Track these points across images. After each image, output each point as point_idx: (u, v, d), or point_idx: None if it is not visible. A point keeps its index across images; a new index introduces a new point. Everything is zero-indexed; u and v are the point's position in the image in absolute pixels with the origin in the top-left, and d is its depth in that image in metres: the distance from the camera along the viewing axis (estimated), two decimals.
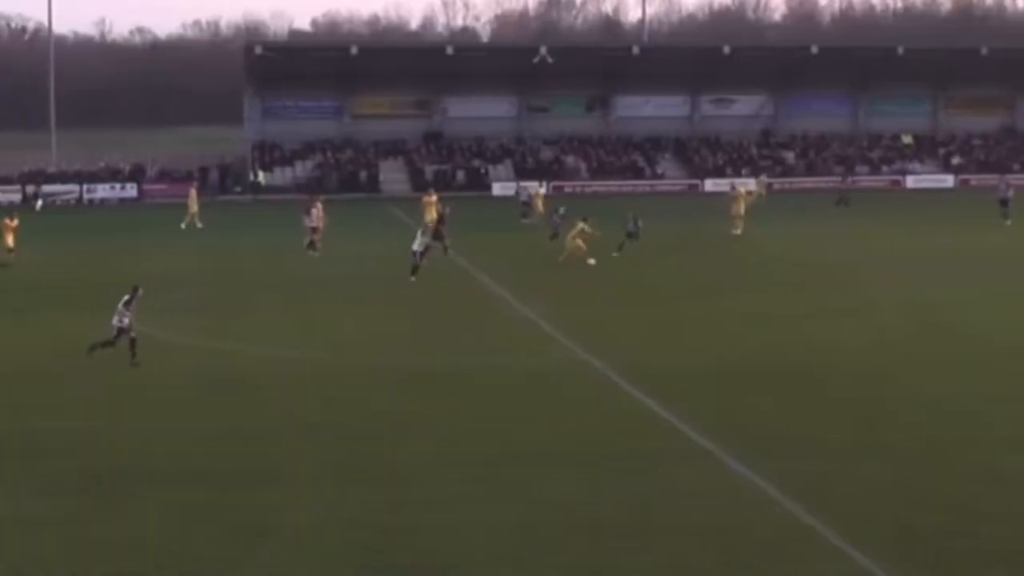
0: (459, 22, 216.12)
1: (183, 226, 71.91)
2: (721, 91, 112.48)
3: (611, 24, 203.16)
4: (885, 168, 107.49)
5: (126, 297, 34.41)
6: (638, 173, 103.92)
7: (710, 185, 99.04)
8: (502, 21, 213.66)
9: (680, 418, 29.28)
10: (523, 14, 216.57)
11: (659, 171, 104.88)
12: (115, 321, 34.04)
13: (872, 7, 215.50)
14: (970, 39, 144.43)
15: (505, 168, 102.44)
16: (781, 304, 45.54)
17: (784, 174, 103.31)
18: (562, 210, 61.81)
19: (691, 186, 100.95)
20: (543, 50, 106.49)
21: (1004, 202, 72.22)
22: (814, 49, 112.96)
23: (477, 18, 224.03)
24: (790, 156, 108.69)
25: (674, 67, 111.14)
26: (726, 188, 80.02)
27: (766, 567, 20.26)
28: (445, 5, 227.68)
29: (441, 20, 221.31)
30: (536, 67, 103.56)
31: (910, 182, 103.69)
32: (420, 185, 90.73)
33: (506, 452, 26.85)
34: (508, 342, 39.56)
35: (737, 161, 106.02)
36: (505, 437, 27.97)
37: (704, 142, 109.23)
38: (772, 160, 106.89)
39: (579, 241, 53.43)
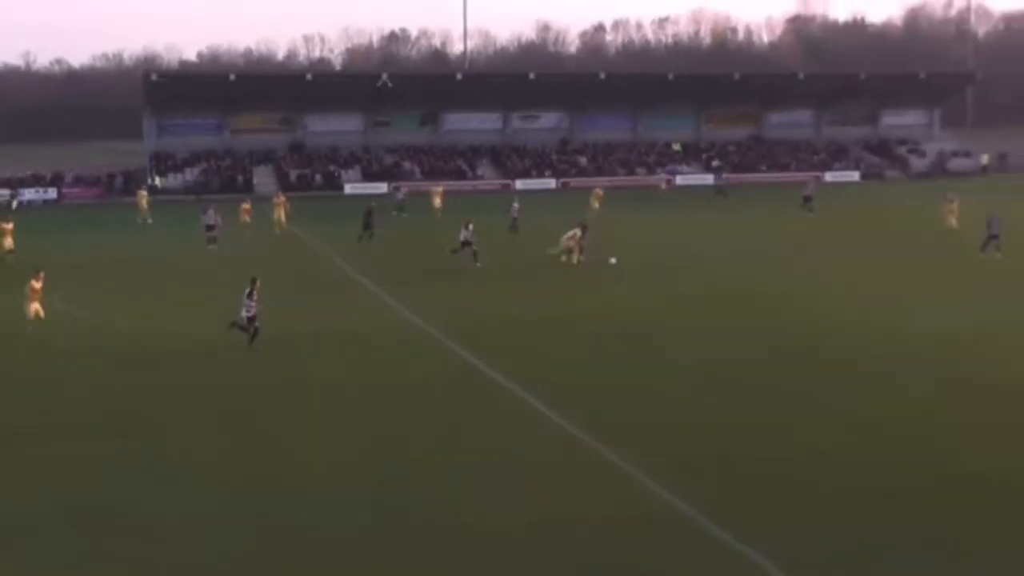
0: (316, 53, 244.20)
1: (139, 221, 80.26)
2: (528, 109, 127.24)
3: (439, 55, 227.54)
4: (659, 169, 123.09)
5: (247, 289, 36.12)
6: (461, 175, 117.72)
7: (520, 184, 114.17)
8: (352, 53, 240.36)
9: (488, 366, 33.57)
10: (368, 47, 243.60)
11: (479, 173, 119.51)
12: (243, 312, 35.88)
13: (648, 41, 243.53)
14: (725, 66, 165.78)
15: (355, 172, 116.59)
16: (599, 277, 51.08)
17: (579, 175, 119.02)
18: (516, 205, 68.73)
19: (504, 185, 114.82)
20: (385, 76, 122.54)
21: (807, 199, 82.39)
22: (602, 75, 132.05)
23: (331, 50, 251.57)
24: (583, 161, 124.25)
25: (490, 90, 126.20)
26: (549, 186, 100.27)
27: (564, 490, 23.13)
28: (306, 39, 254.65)
29: (302, 52, 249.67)
30: (379, 90, 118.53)
31: (679, 180, 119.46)
32: (286, 187, 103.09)
33: (343, 400, 30.48)
34: (356, 311, 43.65)
35: (541, 165, 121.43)
36: (343, 388, 31.62)
37: (514, 150, 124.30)
38: (569, 164, 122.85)
39: (571, 243, 55.42)
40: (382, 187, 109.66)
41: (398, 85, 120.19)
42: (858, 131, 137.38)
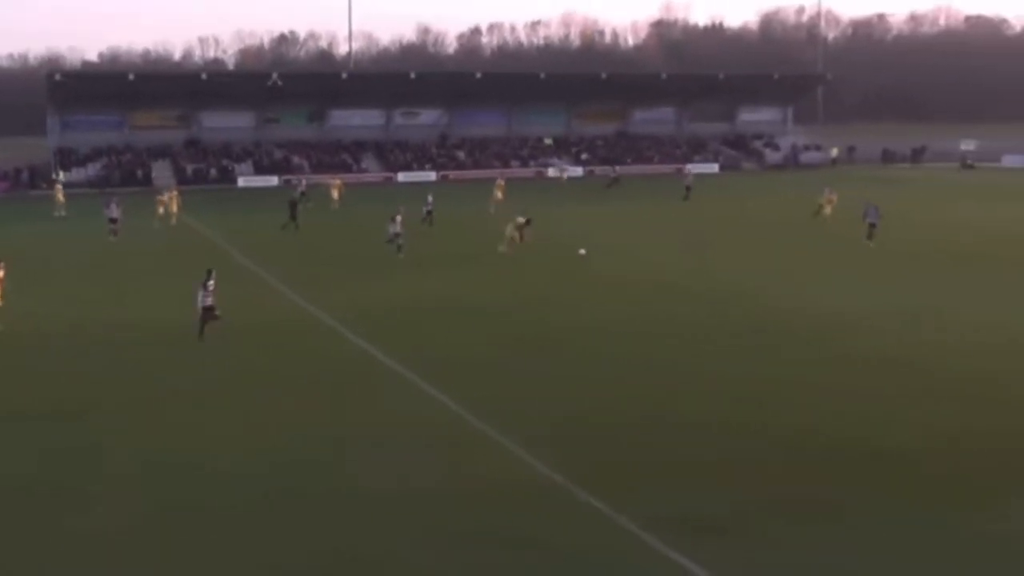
0: (211, 54, 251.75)
1: (56, 214, 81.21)
2: (409, 106, 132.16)
3: (326, 56, 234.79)
4: (532, 162, 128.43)
5: (203, 279, 36.68)
6: (347, 168, 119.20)
7: (402, 177, 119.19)
8: (244, 53, 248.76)
9: (381, 351, 34.76)
10: (260, 48, 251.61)
11: (363, 167, 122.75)
12: (199, 303, 36.40)
13: (521, 43, 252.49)
14: (594, 67, 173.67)
15: (247, 166, 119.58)
16: (479, 263, 53.33)
17: (457, 168, 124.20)
18: (431, 199, 69.08)
19: (387, 178, 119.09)
20: (275, 76, 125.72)
21: (688, 188, 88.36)
22: (478, 75, 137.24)
23: (224, 51, 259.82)
24: (461, 155, 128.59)
25: (374, 88, 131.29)
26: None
27: (441, 460, 24.48)
28: (200, 41, 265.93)
29: (197, 52, 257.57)
30: (270, 89, 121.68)
31: (550, 172, 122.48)
32: (183, 180, 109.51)
33: (246, 376, 32.04)
34: (250, 298, 44.32)
35: (422, 158, 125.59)
36: (246, 365, 33.43)
37: (397, 144, 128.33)
38: (447, 158, 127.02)
39: (516, 233, 57.28)
40: (273, 180, 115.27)
41: (287, 84, 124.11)
42: (717, 127, 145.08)
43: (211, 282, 36.60)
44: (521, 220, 58.26)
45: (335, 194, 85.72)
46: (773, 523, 21.00)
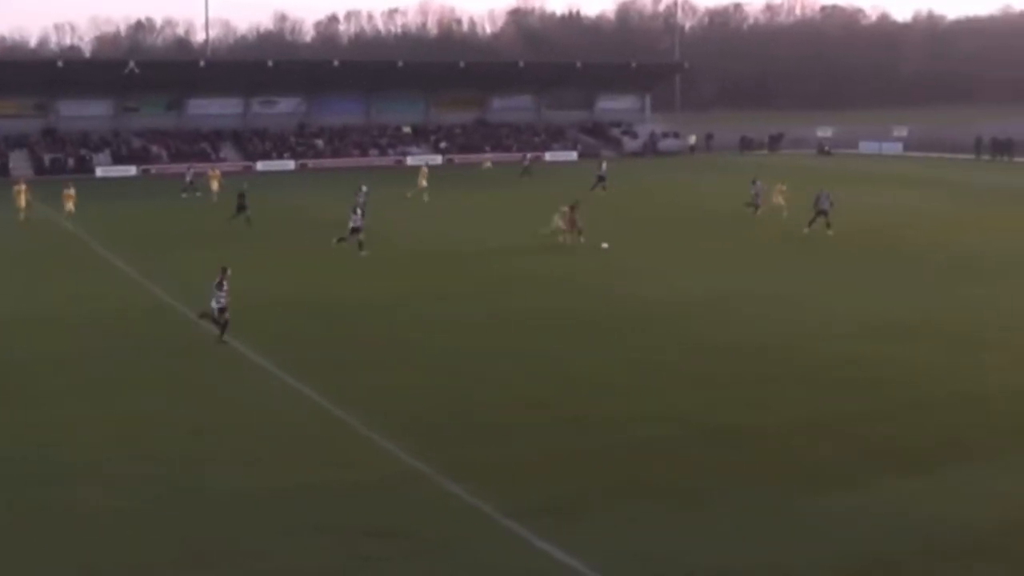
0: (67, 41, 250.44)
1: None
2: (267, 94, 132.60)
3: (183, 43, 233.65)
4: (391, 151, 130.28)
5: (217, 279, 35.30)
6: (205, 157, 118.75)
7: (260, 166, 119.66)
8: (100, 40, 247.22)
9: (244, 344, 34.95)
10: (116, 35, 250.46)
11: (222, 155, 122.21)
12: (213, 303, 35.18)
13: (379, 31, 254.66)
14: (452, 55, 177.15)
15: (105, 156, 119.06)
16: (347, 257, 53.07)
17: (316, 157, 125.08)
18: (364, 188, 67.21)
19: (246, 167, 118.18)
20: (132, 63, 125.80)
21: (601, 178, 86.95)
22: (336, 63, 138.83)
23: (81, 38, 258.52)
24: (320, 143, 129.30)
25: (231, 76, 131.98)
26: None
27: (308, 452, 24.97)
28: (56, 28, 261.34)
29: (53, 39, 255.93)
30: (127, 77, 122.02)
31: (409, 161, 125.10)
32: (40, 170, 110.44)
33: (115, 374, 31.95)
34: (108, 290, 45.21)
35: (280, 147, 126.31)
36: (113, 362, 33.28)
37: (255, 133, 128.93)
38: (306, 146, 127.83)
39: (563, 222, 56.95)
40: (132, 170, 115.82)
41: (145, 72, 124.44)
42: (575, 115, 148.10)
43: (225, 282, 35.43)
44: (566, 208, 57.67)
45: (215, 185, 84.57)
46: (632, 508, 21.89)
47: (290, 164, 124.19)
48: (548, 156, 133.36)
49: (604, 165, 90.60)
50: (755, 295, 43.92)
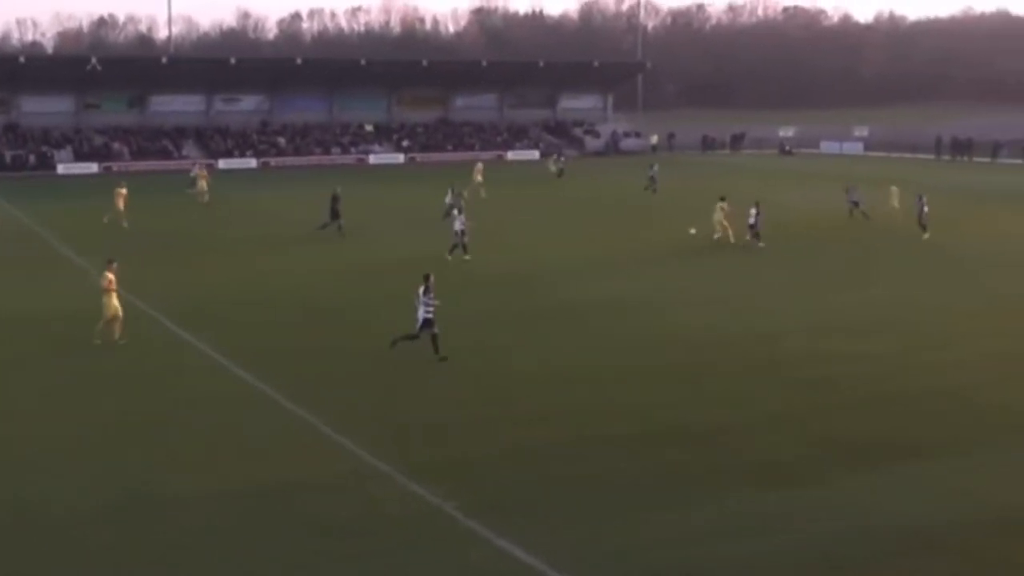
0: (29, 37, 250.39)
1: None
2: (230, 92, 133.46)
3: (146, 40, 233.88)
4: (353, 149, 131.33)
5: (421, 287, 32.75)
6: (168, 155, 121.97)
7: (223, 164, 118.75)
8: (63, 37, 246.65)
9: (200, 341, 35.42)
10: (79, 31, 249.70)
11: (184, 153, 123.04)
12: (421, 313, 32.60)
13: (342, 29, 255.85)
14: (415, 53, 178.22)
15: (67, 152, 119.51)
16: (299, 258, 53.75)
17: (278, 155, 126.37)
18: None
19: (208, 165, 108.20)
20: (94, 60, 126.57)
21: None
22: (299, 60, 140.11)
23: (43, 34, 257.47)
24: (282, 141, 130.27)
25: (194, 73, 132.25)
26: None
27: (268, 451, 24.99)
28: (18, 23, 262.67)
29: (15, 35, 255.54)
30: (89, 73, 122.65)
31: (372, 159, 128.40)
32: (1, 166, 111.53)
33: (83, 376, 31.81)
34: (69, 290, 44.69)
35: (243, 145, 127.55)
36: (77, 366, 32.90)
37: (218, 131, 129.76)
38: (269, 144, 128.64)
39: (724, 217, 57.58)
40: (93, 167, 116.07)
41: (107, 68, 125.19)
42: (538, 113, 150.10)
43: (430, 289, 32.95)
44: (723, 204, 58.41)
45: (203, 184, 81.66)
46: (594, 505, 22.11)
47: (252, 162, 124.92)
48: (510, 155, 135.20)
49: (656, 167, 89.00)
50: (707, 294, 45.01)
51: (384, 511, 21.92)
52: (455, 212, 54.54)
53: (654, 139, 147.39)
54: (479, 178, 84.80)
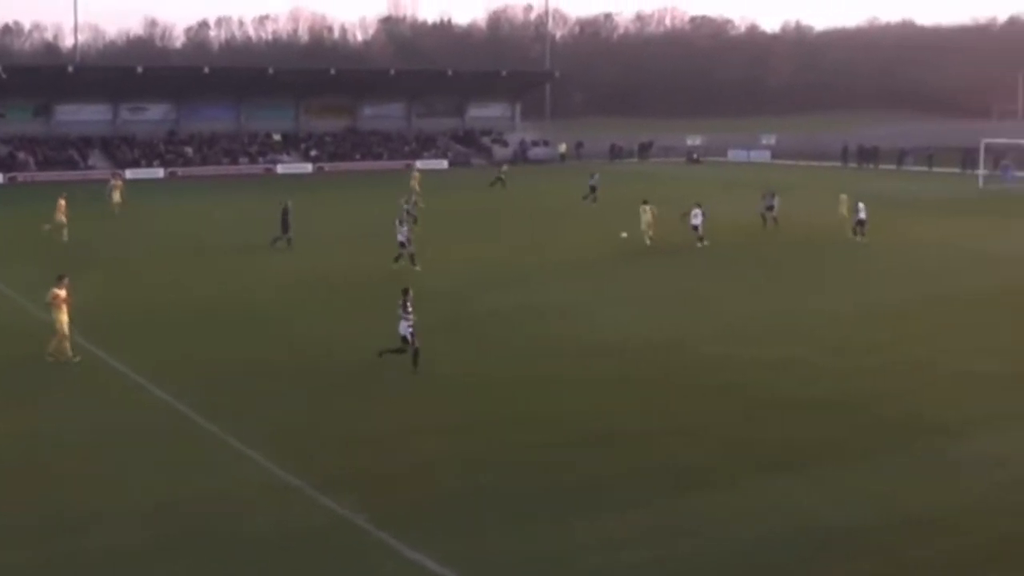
0: None
1: None
2: (136, 101, 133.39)
3: (52, 48, 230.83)
4: (261, 159, 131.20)
5: (400, 300, 33.00)
6: (74, 165, 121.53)
7: (129, 174, 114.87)
8: None
9: (113, 358, 35.00)
10: None
11: (90, 163, 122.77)
12: (402, 329, 32.68)
13: (249, 38, 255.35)
14: (323, 62, 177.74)
15: None
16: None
17: (185, 164, 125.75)
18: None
19: (115, 174, 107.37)
20: None
21: (593, 188, 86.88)
22: (206, 69, 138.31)
23: None
24: (189, 151, 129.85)
25: (101, 82, 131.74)
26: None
27: (175, 464, 24.93)
28: None
29: None
30: None
31: (279, 169, 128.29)
32: None
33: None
34: None
35: (150, 155, 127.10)
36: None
37: (124, 140, 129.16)
38: (176, 154, 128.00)
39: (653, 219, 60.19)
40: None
41: (12, 77, 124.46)
42: (446, 122, 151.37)
43: (408, 303, 33.18)
44: (649, 207, 60.93)
45: (116, 196, 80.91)
46: (508, 514, 22.24)
47: (159, 172, 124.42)
48: (419, 164, 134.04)
49: (596, 176, 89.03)
50: (618, 299, 46.05)
51: (294, 524, 21.87)
52: (397, 223, 54.57)
53: (562, 148, 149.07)
54: (416, 187, 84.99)
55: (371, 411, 29.66)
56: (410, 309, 32.72)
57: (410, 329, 32.62)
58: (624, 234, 60.34)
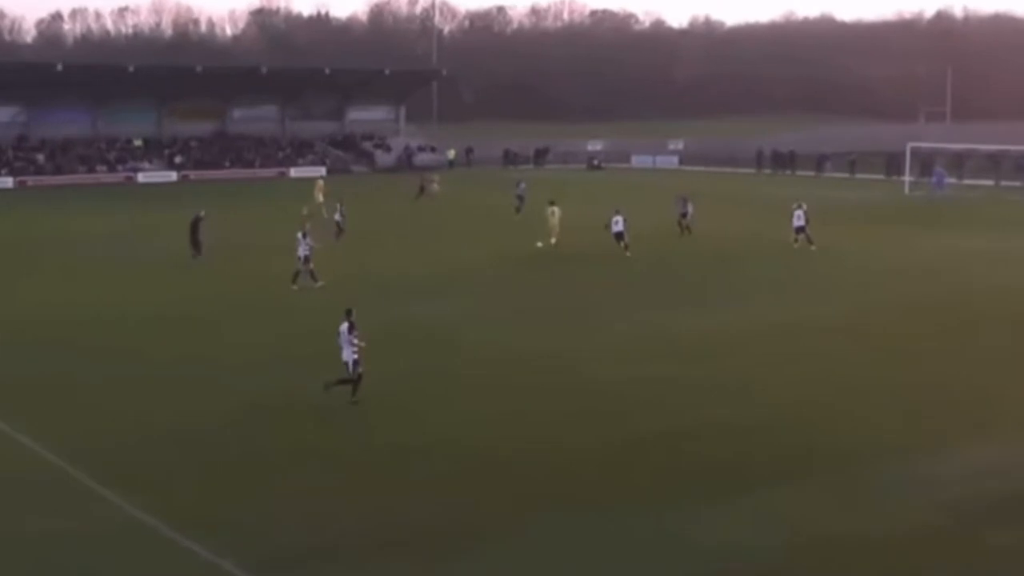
0: None
1: None
2: None
3: None
4: (120, 167, 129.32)
5: (344, 323, 32.03)
6: None
7: None
8: None
9: None
10: None
11: None
12: (347, 356, 31.90)
13: (108, 32, 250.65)
14: (188, 59, 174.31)
15: None
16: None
17: (36, 173, 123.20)
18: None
19: None
20: None
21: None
22: (60, 66, 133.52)
23: None
24: (41, 158, 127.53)
25: None
26: None
27: (24, 504, 24.43)
28: None
29: None
30: None
31: (141, 178, 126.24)
32: None
33: None
34: None
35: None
36: None
37: None
38: (26, 161, 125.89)
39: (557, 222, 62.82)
40: None
41: None
42: (324, 126, 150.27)
43: (354, 327, 32.12)
44: (555, 208, 63.25)
45: None
46: (397, 555, 21.79)
47: (8, 181, 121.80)
48: (294, 172, 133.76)
49: (522, 185, 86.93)
50: (539, 310, 45.93)
51: (149, 566, 21.37)
52: (300, 236, 53.30)
53: (451, 154, 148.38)
54: (320, 197, 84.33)
55: (227, 443, 28.70)
56: (356, 333, 31.88)
57: (355, 355, 31.75)
58: (540, 243, 61.82)
